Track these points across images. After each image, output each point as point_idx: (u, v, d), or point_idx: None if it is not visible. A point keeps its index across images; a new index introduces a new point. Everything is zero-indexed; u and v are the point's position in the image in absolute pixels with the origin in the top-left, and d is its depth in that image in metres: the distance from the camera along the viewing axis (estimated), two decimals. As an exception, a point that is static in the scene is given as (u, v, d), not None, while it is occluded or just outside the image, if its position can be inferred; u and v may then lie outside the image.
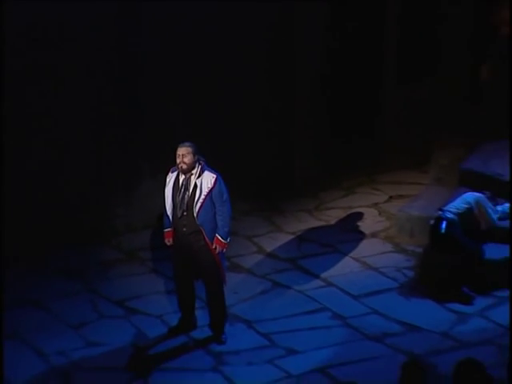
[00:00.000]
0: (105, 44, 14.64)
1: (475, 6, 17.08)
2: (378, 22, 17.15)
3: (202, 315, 12.53)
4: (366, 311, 13.04)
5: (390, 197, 16.10)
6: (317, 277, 13.88)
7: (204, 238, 12.10)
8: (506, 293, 13.15)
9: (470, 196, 13.53)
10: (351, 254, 14.44)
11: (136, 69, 15.02)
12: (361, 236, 15.01)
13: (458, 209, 13.32)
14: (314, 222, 15.48)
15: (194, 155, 11.98)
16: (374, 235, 15.04)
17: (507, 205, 13.93)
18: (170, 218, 12.23)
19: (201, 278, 12.43)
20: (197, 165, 12.02)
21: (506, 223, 13.75)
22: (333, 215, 15.67)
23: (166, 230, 12.36)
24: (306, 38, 16.40)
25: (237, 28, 15.67)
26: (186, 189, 12.05)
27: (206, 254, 12.17)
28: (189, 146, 11.99)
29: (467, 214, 13.32)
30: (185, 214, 12.07)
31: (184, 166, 11.96)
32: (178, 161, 11.99)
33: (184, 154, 11.95)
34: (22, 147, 14.24)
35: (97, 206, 14.80)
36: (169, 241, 12.38)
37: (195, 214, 12.01)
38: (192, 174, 12.02)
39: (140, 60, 14.99)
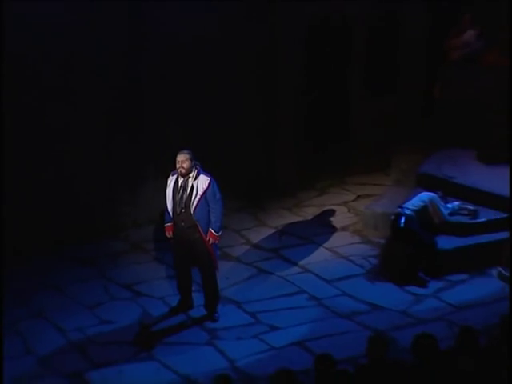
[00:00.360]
0: (115, 69, 14.57)
1: (429, 34, 17.07)
2: (348, 48, 16.92)
3: (197, 297, 12.58)
4: (337, 293, 13.08)
5: (358, 196, 16.03)
6: (295, 264, 13.88)
7: (199, 232, 12.13)
8: (456, 277, 13.37)
9: (425, 195, 13.66)
10: (324, 245, 14.42)
11: (141, 88, 14.89)
12: (333, 229, 14.97)
13: (414, 206, 13.42)
14: (292, 218, 15.42)
15: (191, 161, 12.01)
16: (343, 229, 14.98)
17: (457, 203, 14.05)
18: (171, 214, 12.23)
19: (197, 265, 12.47)
20: (193, 169, 12.05)
21: (456, 218, 13.88)
22: (309, 212, 15.61)
23: (166, 224, 12.36)
24: (286, 60, 16.23)
25: (229, 52, 15.54)
26: (185, 189, 12.08)
27: (201, 245, 12.21)
28: (187, 154, 12.03)
29: (422, 211, 13.43)
30: (183, 211, 12.10)
31: (183, 171, 11.99)
32: (177, 166, 12.02)
33: (183, 160, 11.99)
34: (44, 155, 14.16)
35: (108, 205, 14.75)
36: (169, 234, 12.39)
37: (192, 211, 12.04)
38: (189, 177, 12.05)
39: (145, 81, 14.89)
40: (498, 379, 8.44)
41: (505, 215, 13.85)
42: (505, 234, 13.57)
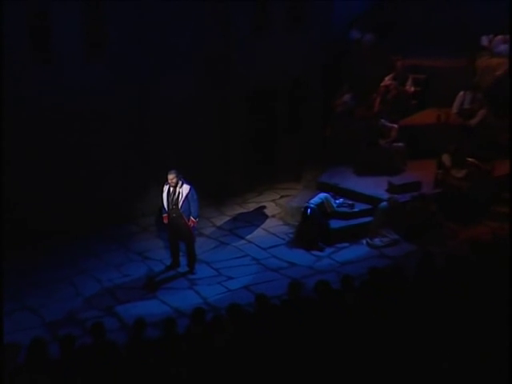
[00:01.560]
0: (130, 119, 14.30)
1: (324, 95, 16.27)
2: (274, 104, 16.22)
3: (183, 260, 12.63)
4: (268, 256, 13.08)
5: (281, 196, 15.51)
6: (243, 238, 13.78)
7: (184, 219, 12.19)
8: (341, 245, 13.24)
9: (322, 195, 13.64)
10: (261, 226, 14.25)
11: (148, 131, 14.55)
12: (266, 217, 14.68)
13: (316, 202, 13.41)
14: (241, 210, 15.07)
15: (177, 177, 12.01)
16: (272, 216, 14.67)
17: (341, 199, 13.87)
18: (166, 209, 12.23)
19: (182, 239, 12.53)
20: (179, 181, 12.04)
21: (341, 209, 13.69)
22: (251, 206, 15.23)
23: (163, 215, 12.38)
24: (236, 111, 15.62)
25: (202, 108, 15.06)
26: (174, 194, 12.12)
27: (185, 227, 12.27)
28: (174, 173, 12.03)
29: (321, 205, 13.41)
30: (173, 207, 12.15)
31: (172, 183, 12.03)
32: (169, 180, 12.02)
33: (172, 177, 12.00)
34: (87, 173, 13.92)
35: (126, 202, 14.32)
36: (165, 221, 12.40)
37: (179, 207, 12.11)
38: (177, 186, 12.07)
39: (150, 126, 14.52)
40: (369, 310, 8.16)
41: (369, 207, 13.74)
42: (369, 218, 13.53)
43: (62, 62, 13.23)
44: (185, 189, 12.15)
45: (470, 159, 13.77)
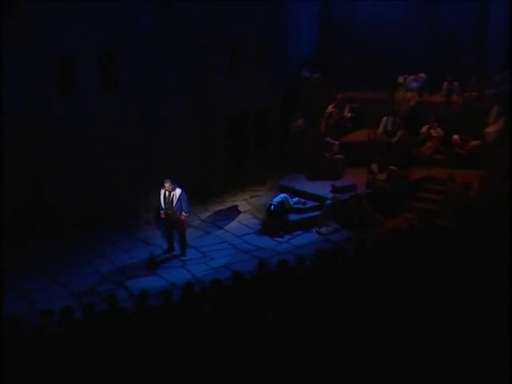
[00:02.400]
0: (135, 140, 13.88)
1: (282, 118, 16.11)
2: (245, 124, 15.83)
3: (176, 245, 12.48)
4: (242, 242, 12.85)
5: (251, 196, 15.20)
6: (222, 228, 13.57)
7: (177, 214, 12.06)
8: (297, 233, 13.07)
9: (282, 195, 13.55)
10: (236, 219, 14.03)
11: (148, 148, 14.16)
12: (239, 212, 14.44)
13: (277, 200, 13.31)
14: (220, 207, 14.74)
15: (171, 183, 11.90)
16: (244, 212, 14.41)
17: (296, 198, 13.71)
18: (163, 207, 12.07)
19: (175, 230, 12.36)
20: (173, 186, 11.92)
21: (296, 206, 13.54)
22: (228, 204, 14.90)
23: (161, 211, 12.23)
24: (216, 129, 15.18)
25: (191, 128, 14.73)
26: (169, 196, 11.99)
27: (178, 220, 12.15)
28: (169, 180, 11.90)
29: (281, 203, 13.32)
30: (169, 205, 12.03)
31: (168, 189, 11.93)
32: (165, 186, 11.92)
33: (168, 184, 11.90)
34: (103, 179, 13.55)
35: (133, 202, 13.90)
36: (163, 216, 12.23)
37: (174, 206, 12.00)
38: (171, 190, 11.95)
39: (151, 144, 14.16)
40: (318, 282, 8.04)
41: (317, 204, 13.58)
42: (317, 212, 13.41)
43: (83, 94, 13.06)
44: (177, 192, 12.01)
45: (391, 167, 13.85)
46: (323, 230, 13.25)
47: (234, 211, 14.58)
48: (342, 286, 8.03)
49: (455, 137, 14.44)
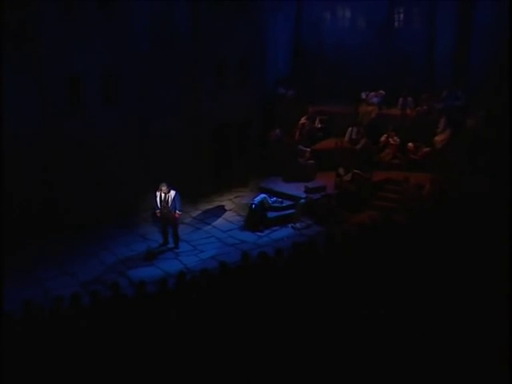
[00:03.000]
0: (135, 150, 13.79)
1: (262, 129, 15.84)
2: (229, 134, 15.44)
3: (170, 239, 12.38)
4: (227, 236, 12.80)
5: (236, 196, 14.95)
6: (209, 224, 13.43)
7: (172, 213, 12.00)
8: (275, 228, 12.98)
9: (263, 195, 13.50)
10: (222, 217, 13.85)
11: (148, 157, 13.99)
12: (225, 210, 14.22)
13: (258, 200, 13.23)
14: (209, 206, 14.51)
15: (167, 187, 11.84)
16: (230, 210, 14.21)
17: (274, 198, 13.65)
18: (159, 206, 12.00)
19: (170, 226, 12.26)
20: (168, 189, 11.85)
21: (275, 205, 13.48)
22: (215, 203, 14.63)
23: (157, 211, 12.15)
24: (205, 139, 14.92)
25: (185, 139, 14.61)
26: (165, 198, 11.94)
27: (172, 217, 12.07)
28: (165, 184, 11.84)
29: (261, 202, 13.24)
30: (165, 205, 11.96)
31: (163, 191, 11.86)
32: (162, 189, 11.86)
33: (163, 188, 11.83)
34: (101, 179, 13.23)
35: (133, 201, 13.62)
36: (159, 214, 12.15)
37: (169, 206, 11.94)
38: (167, 192, 11.89)
39: (151, 153, 13.99)
40: (294, 270, 8.05)
41: (293, 202, 13.50)
42: (293, 210, 13.35)
43: (89, 108, 12.94)
44: (172, 193, 11.97)
45: (355, 170, 13.89)
46: (298, 225, 13.19)
47: (221, 209, 14.48)
48: (315, 274, 8.03)
49: (410, 144, 14.61)
